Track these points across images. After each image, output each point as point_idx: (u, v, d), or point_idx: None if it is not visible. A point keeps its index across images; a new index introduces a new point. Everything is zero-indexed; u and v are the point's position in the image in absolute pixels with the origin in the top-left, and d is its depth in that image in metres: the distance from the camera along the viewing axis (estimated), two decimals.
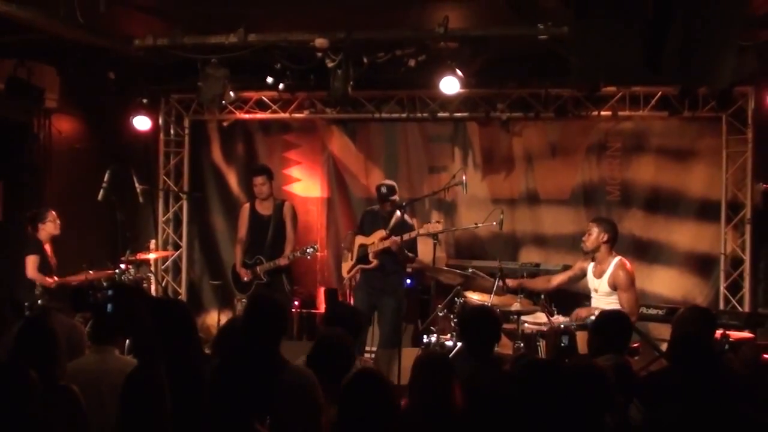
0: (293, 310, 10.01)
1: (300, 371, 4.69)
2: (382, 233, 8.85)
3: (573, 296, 8.76)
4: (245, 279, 9.53)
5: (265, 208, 9.64)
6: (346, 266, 9.25)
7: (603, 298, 7.81)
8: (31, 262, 8.65)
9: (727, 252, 9.54)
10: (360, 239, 9.08)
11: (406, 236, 8.53)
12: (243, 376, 3.83)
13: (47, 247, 8.82)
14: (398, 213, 8.73)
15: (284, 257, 9.42)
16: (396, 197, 8.96)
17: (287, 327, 5.22)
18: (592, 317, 6.95)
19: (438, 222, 8.67)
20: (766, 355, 5.78)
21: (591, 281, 8.00)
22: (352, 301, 9.11)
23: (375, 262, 8.91)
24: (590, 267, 8.02)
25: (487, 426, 3.92)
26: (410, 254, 8.80)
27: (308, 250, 9.36)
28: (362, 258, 8.99)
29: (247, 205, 9.85)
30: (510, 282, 8.14)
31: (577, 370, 4.07)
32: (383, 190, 8.92)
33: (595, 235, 7.90)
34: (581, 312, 7.72)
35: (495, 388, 4.02)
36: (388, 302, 8.84)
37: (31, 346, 4.52)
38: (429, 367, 4.48)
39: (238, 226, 9.86)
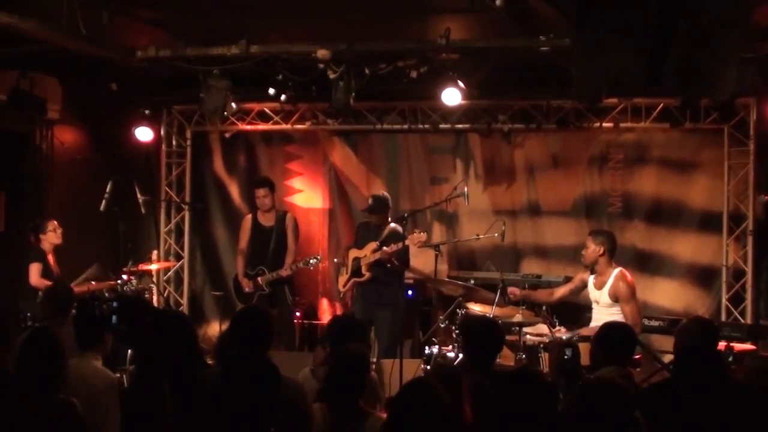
0: (295, 321, 10.01)
1: (292, 382, 4.68)
2: (374, 245, 8.90)
3: (575, 308, 8.77)
4: (246, 290, 9.55)
5: (267, 219, 9.68)
6: (342, 280, 9.33)
7: (604, 310, 7.81)
8: (34, 270, 8.63)
9: (729, 264, 9.52)
10: (354, 252, 9.16)
11: (393, 246, 8.64)
12: (245, 386, 3.83)
13: (50, 257, 8.81)
14: (391, 224, 8.83)
15: (286, 268, 9.44)
16: (383, 209, 9.04)
17: (273, 335, 5.24)
18: None
19: (423, 232, 8.70)
20: None
21: (592, 293, 8.00)
22: None
23: (368, 275, 8.98)
24: (591, 279, 8.02)
25: None
26: (397, 262, 8.87)
27: (311, 261, 9.39)
28: (356, 271, 9.06)
29: (249, 216, 9.88)
30: (514, 291, 8.13)
31: (596, 387, 4.03)
32: (369, 201, 9.15)
33: (591, 248, 7.91)
34: (584, 332, 7.70)
35: (498, 399, 3.98)
36: (384, 314, 8.85)
37: (36, 357, 4.50)
38: (440, 380, 4.46)
39: (240, 236, 9.89)
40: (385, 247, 8.73)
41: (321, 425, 4.64)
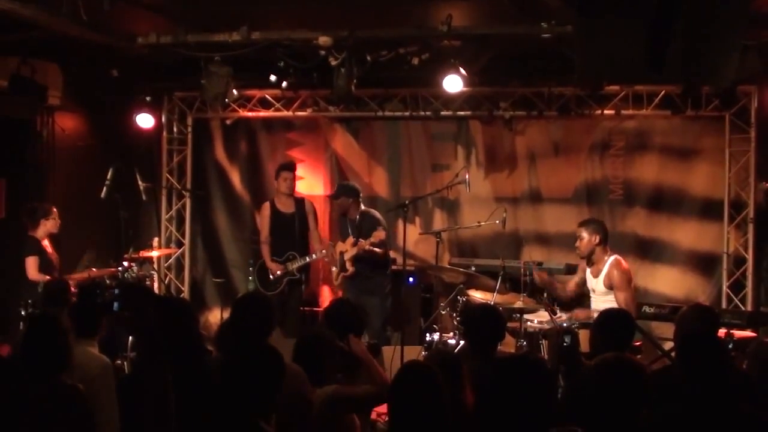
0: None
1: (293, 367, 4.71)
2: (352, 239, 9.11)
3: (576, 295, 8.75)
4: (278, 273, 9.49)
5: (286, 206, 9.64)
6: (334, 274, 9.55)
7: (600, 298, 7.82)
8: (32, 264, 8.50)
9: (730, 251, 9.53)
10: (339, 246, 9.37)
11: (373, 240, 8.85)
12: (249, 373, 3.84)
13: (45, 244, 8.74)
14: (362, 209, 9.25)
15: (317, 254, 9.53)
16: (343, 194, 9.29)
17: (274, 322, 5.31)
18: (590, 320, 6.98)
19: (383, 230, 8.92)
20: None
21: (589, 281, 8.02)
22: None
23: (352, 269, 9.18)
24: (588, 269, 8.02)
25: (495, 424, 3.91)
26: (378, 250, 9.05)
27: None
28: (343, 265, 9.25)
29: (267, 204, 9.78)
30: (542, 275, 8.11)
31: (614, 364, 4.04)
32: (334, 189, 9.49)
33: (586, 239, 7.89)
34: (579, 314, 7.71)
35: (497, 386, 3.99)
36: (372, 302, 8.99)
37: (41, 341, 4.51)
38: (441, 367, 4.48)
39: (260, 226, 9.78)
40: (362, 240, 8.94)
41: None
